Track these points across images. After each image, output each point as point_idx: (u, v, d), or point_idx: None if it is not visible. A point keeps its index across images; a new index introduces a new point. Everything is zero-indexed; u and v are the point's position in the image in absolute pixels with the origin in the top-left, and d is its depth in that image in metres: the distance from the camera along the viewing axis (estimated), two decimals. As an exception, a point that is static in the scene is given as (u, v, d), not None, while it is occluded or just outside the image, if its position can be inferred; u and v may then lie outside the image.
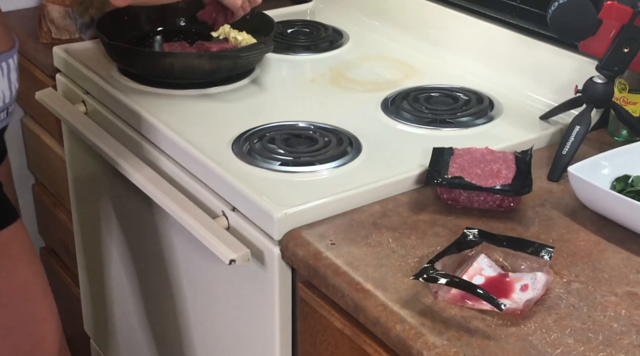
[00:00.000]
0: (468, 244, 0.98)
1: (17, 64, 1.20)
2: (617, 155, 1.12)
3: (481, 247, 0.97)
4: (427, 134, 1.28)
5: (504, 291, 0.91)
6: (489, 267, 0.95)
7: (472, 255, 0.97)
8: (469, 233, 0.98)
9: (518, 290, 0.91)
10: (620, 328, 0.87)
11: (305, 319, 1.07)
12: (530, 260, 0.95)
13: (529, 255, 0.95)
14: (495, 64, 1.43)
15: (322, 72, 1.51)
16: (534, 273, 0.93)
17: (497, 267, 0.95)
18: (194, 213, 1.16)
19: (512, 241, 0.98)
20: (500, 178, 1.07)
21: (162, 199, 1.21)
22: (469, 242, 0.98)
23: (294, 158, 1.19)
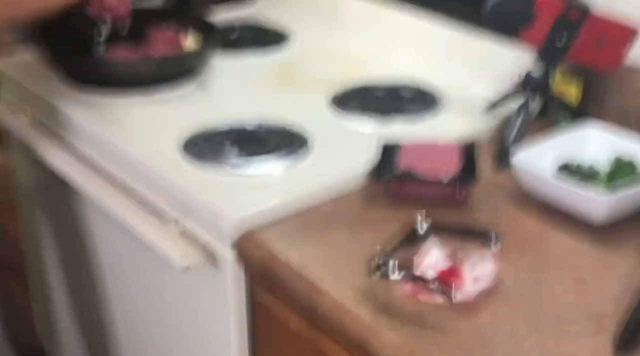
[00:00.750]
0: (420, 238, 0.99)
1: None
2: (559, 142, 1.14)
3: (432, 239, 0.99)
4: (375, 130, 1.29)
5: (457, 283, 0.93)
6: (440, 260, 0.97)
7: (424, 249, 0.98)
8: (419, 227, 1.00)
9: (470, 281, 0.93)
10: (569, 314, 0.90)
11: (261, 322, 1.07)
12: (480, 251, 0.97)
13: (479, 246, 0.98)
14: (438, 58, 1.45)
15: (268, 72, 1.51)
16: (484, 264, 0.95)
17: (449, 259, 0.97)
18: (145, 219, 1.15)
19: (461, 232, 1.00)
20: (448, 170, 1.09)
21: (112, 207, 1.20)
22: (420, 236, 0.99)
23: (245, 159, 1.19)
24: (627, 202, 1.03)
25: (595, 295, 0.93)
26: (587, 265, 0.98)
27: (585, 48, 1.19)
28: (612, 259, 0.99)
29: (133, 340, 1.38)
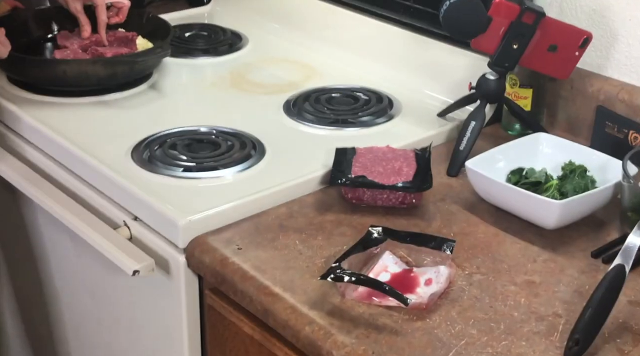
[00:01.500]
0: (373, 242, 0.99)
1: None
2: (511, 148, 1.15)
3: (386, 244, 0.99)
4: (330, 135, 1.29)
5: (409, 286, 0.93)
6: (394, 264, 0.97)
7: (377, 253, 0.98)
8: (373, 231, 1.00)
9: (423, 285, 0.93)
10: (520, 316, 0.90)
11: (214, 326, 1.06)
12: (433, 255, 0.97)
13: (432, 250, 0.98)
14: (393, 63, 1.45)
15: (222, 75, 1.49)
16: (437, 267, 0.95)
17: (402, 263, 0.97)
18: (94, 224, 1.13)
19: (415, 237, 1.00)
20: (401, 175, 1.09)
21: (60, 212, 1.17)
22: (374, 240, 0.99)
23: (197, 163, 1.18)
24: (577, 207, 1.04)
25: (545, 297, 0.93)
26: (538, 268, 0.99)
27: (538, 53, 1.21)
28: (562, 262, 1.00)
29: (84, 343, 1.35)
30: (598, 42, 1.25)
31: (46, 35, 1.51)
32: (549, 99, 1.31)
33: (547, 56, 1.21)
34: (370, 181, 1.08)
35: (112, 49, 1.42)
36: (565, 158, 1.12)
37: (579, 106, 1.28)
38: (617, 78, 1.25)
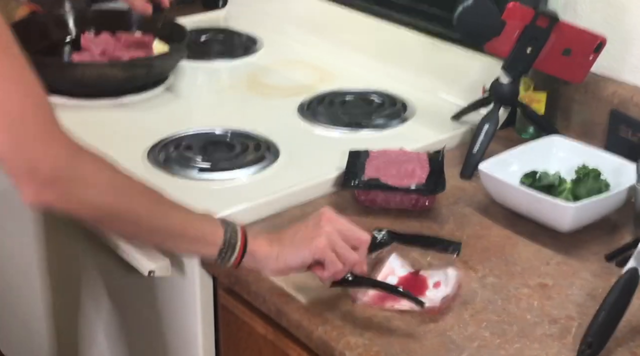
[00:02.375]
0: (379, 245, 0.98)
1: None
2: (524, 151, 1.16)
3: (392, 247, 0.98)
4: (343, 137, 1.29)
5: (419, 289, 0.93)
6: (400, 267, 0.96)
7: (384, 256, 0.98)
8: (377, 235, 0.99)
9: (432, 287, 0.93)
10: (533, 318, 0.91)
11: (227, 327, 1.07)
12: (440, 257, 0.97)
13: (439, 253, 0.98)
14: (407, 66, 1.46)
15: (237, 78, 1.50)
16: (445, 270, 0.95)
17: (409, 266, 0.97)
18: (111, 225, 1.14)
19: (421, 239, 1.00)
20: (414, 178, 1.10)
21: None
22: (379, 244, 0.99)
23: (212, 165, 1.19)
24: (590, 210, 1.05)
25: (559, 300, 0.94)
26: (551, 271, 0.99)
27: (552, 57, 1.21)
28: (575, 265, 1.00)
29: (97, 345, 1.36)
30: (612, 46, 1.25)
31: (65, 38, 1.53)
32: (563, 103, 1.31)
33: (562, 60, 1.21)
34: (383, 183, 1.08)
35: (129, 52, 1.43)
36: (579, 161, 1.12)
37: (593, 110, 1.28)
38: (631, 82, 1.25)
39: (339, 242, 0.89)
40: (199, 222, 0.90)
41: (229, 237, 0.89)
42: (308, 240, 0.89)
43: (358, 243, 0.91)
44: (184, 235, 0.89)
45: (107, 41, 1.45)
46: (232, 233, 0.89)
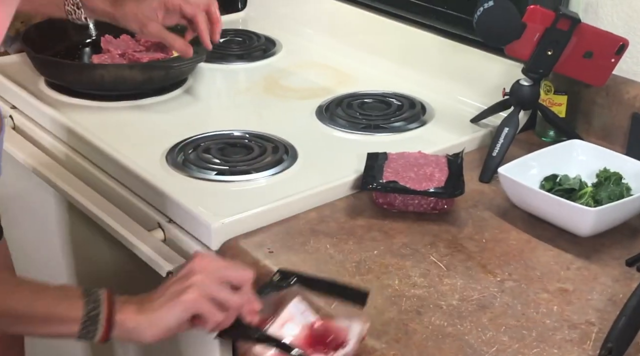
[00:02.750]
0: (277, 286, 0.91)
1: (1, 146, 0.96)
2: (544, 155, 1.15)
3: (297, 289, 0.90)
4: (362, 140, 1.29)
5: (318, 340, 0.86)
6: (301, 314, 0.87)
7: (286, 299, 0.89)
8: (275, 278, 0.91)
9: (332, 340, 0.86)
10: (552, 324, 0.90)
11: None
12: (345, 306, 0.89)
13: (345, 301, 0.89)
14: (426, 69, 1.45)
15: (256, 80, 1.51)
16: (349, 321, 0.86)
17: (310, 313, 0.88)
18: (129, 226, 1.14)
19: (327, 285, 0.91)
20: (433, 181, 1.09)
21: (96, 213, 1.19)
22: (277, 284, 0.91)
23: (230, 167, 1.19)
24: (611, 215, 1.03)
25: (579, 305, 0.93)
26: (571, 276, 0.98)
27: (573, 60, 1.20)
28: (595, 270, 0.99)
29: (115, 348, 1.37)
30: (634, 49, 1.24)
31: (84, 40, 1.53)
32: (584, 106, 1.30)
33: (583, 63, 1.20)
34: (401, 186, 1.08)
35: (148, 54, 1.44)
36: (600, 165, 1.11)
37: (615, 113, 1.26)
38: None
39: (214, 289, 0.82)
40: (50, 298, 0.81)
41: (89, 310, 0.81)
42: (177, 296, 0.82)
43: (239, 282, 0.84)
44: (32, 316, 0.80)
45: (127, 43, 1.46)
46: (93, 304, 0.81)
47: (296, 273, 0.91)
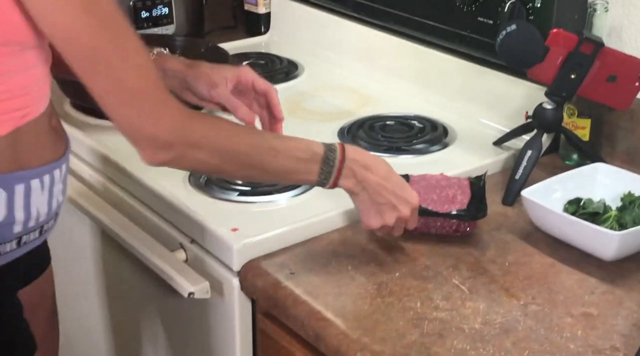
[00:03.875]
0: None
1: (67, 172, 1.02)
2: (568, 178, 1.14)
3: None
4: (383, 162, 1.29)
5: None
6: None
7: None
8: None
9: None
10: (577, 348, 0.89)
11: (266, 351, 1.06)
12: None
13: None
14: (448, 91, 1.45)
15: (278, 102, 1.51)
16: None
17: None
18: (152, 246, 1.15)
19: None
20: (455, 203, 1.09)
21: (119, 233, 1.20)
22: None
23: (252, 188, 1.19)
24: (636, 239, 1.02)
25: (603, 330, 0.91)
26: (596, 300, 0.96)
27: (597, 83, 1.19)
28: (620, 295, 0.97)
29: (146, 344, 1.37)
30: (659, 72, 1.23)
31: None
32: (607, 129, 1.29)
33: (606, 86, 1.20)
34: (423, 208, 1.08)
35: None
36: (625, 189, 1.10)
37: (639, 136, 1.25)
38: (678, 109, 1.23)
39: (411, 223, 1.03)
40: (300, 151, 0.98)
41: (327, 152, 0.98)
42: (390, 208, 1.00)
43: None
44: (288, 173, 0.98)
45: None
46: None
47: None
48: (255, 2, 1.81)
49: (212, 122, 0.94)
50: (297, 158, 0.97)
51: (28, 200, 0.94)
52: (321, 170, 0.98)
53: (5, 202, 0.91)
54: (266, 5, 1.81)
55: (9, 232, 0.94)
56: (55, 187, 0.98)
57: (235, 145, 0.94)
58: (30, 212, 0.94)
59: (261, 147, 0.96)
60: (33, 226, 0.96)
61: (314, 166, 0.97)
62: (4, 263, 0.95)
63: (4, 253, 0.94)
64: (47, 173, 0.96)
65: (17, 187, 0.92)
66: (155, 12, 1.72)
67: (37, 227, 0.97)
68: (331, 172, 0.98)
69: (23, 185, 0.93)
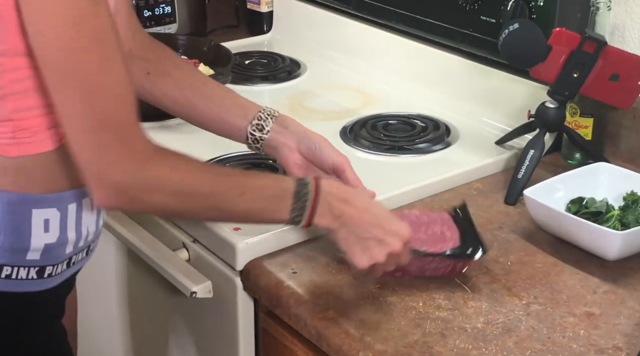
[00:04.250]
0: None
1: None
2: (571, 177, 1.14)
3: None
4: (386, 161, 1.29)
5: None
6: None
7: None
8: None
9: None
10: (579, 348, 0.89)
11: (268, 350, 1.06)
12: None
13: None
14: (451, 90, 1.45)
15: (280, 102, 1.51)
16: None
17: None
18: (155, 246, 1.15)
19: None
20: (447, 241, 0.97)
21: (121, 232, 1.20)
22: None
23: (254, 188, 1.19)
24: (639, 238, 1.02)
25: (605, 329, 0.91)
26: (598, 300, 0.96)
27: (600, 82, 1.19)
28: (623, 294, 0.97)
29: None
30: (662, 71, 1.23)
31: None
32: (610, 128, 1.29)
33: (609, 85, 1.20)
34: (416, 250, 0.94)
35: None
36: (627, 188, 1.10)
37: (642, 135, 1.25)
38: (681, 108, 1.23)
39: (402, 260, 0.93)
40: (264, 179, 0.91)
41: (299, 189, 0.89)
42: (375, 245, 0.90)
43: None
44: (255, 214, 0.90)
45: None
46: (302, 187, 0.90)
47: None
48: (258, 1, 1.81)
49: (173, 161, 0.86)
50: (265, 196, 0.89)
51: (80, 219, 0.91)
52: (293, 207, 0.89)
53: (58, 222, 0.89)
54: (269, 4, 1.81)
55: (62, 253, 0.91)
56: None
57: (195, 186, 0.87)
58: (81, 232, 0.92)
59: (225, 186, 0.88)
60: (82, 246, 0.94)
61: (284, 203, 0.89)
62: (55, 285, 0.93)
63: (55, 275, 0.92)
64: None
65: (70, 206, 0.90)
66: (158, 11, 1.72)
67: (85, 246, 0.95)
68: (304, 208, 0.89)
69: (75, 204, 0.90)
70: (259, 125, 1.06)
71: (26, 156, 0.86)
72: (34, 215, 0.87)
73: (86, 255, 0.97)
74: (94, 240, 0.97)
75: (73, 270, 0.96)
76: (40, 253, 0.89)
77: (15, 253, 0.87)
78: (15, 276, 0.88)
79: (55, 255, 0.90)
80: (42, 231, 0.88)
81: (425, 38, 1.50)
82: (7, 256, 0.87)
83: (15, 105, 0.84)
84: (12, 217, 0.86)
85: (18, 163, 0.86)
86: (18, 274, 0.88)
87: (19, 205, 0.86)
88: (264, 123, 1.07)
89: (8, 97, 0.83)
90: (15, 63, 0.82)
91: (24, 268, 0.88)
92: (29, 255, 0.88)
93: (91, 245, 0.97)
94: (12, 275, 0.88)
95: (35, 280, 0.90)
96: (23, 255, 0.88)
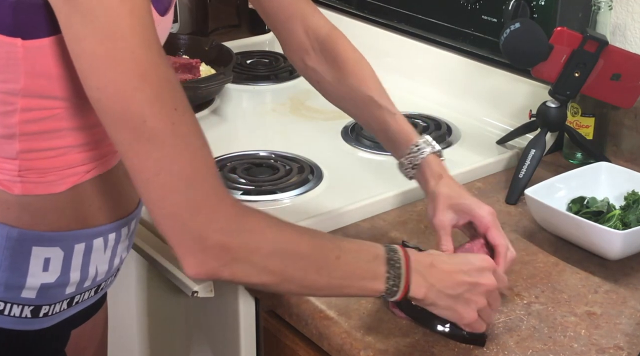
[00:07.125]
0: None
1: (135, 228, 0.93)
2: (572, 177, 1.14)
3: None
4: (387, 160, 1.29)
5: None
6: None
7: None
8: None
9: None
10: (580, 348, 0.89)
11: (269, 349, 1.06)
12: None
13: None
14: (452, 90, 1.45)
15: (282, 101, 1.52)
16: None
17: None
18: (156, 245, 1.15)
19: None
20: None
21: (122, 232, 1.20)
22: None
23: (256, 187, 1.19)
24: (640, 237, 1.02)
25: (607, 328, 0.91)
26: (599, 299, 0.96)
27: (601, 82, 1.19)
28: (624, 294, 0.97)
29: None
30: (663, 71, 1.23)
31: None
32: (612, 128, 1.29)
33: (610, 85, 1.20)
34: None
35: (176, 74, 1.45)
36: (629, 188, 1.10)
37: (643, 135, 1.25)
38: (683, 107, 1.23)
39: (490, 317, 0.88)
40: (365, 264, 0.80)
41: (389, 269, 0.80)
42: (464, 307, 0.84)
43: None
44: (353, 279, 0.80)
45: None
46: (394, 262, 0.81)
47: None
48: (259, 1, 1.81)
49: (264, 218, 0.77)
50: (360, 261, 0.80)
51: (87, 259, 0.85)
52: (388, 275, 0.80)
53: (61, 262, 0.83)
54: (270, 4, 1.81)
55: (61, 293, 0.86)
56: (120, 244, 0.89)
57: (294, 244, 0.78)
58: (87, 272, 0.86)
59: (323, 247, 0.79)
60: (89, 286, 0.88)
61: (379, 269, 0.80)
62: (53, 324, 0.87)
63: (52, 314, 0.86)
64: (114, 232, 0.87)
65: (77, 246, 0.84)
66: (159, 11, 1.72)
67: (92, 286, 0.89)
68: (399, 277, 0.80)
69: (84, 244, 0.84)
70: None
71: (31, 195, 0.81)
72: (34, 252, 0.82)
73: (95, 293, 0.90)
74: (106, 279, 0.91)
75: (76, 309, 0.90)
76: (36, 292, 0.84)
77: (10, 290, 0.83)
78: (9, 313, 0.84)
79: (53, 295, 0.85)
80: (40, 270, 0.83)
81: (426, 37, 1.50)
82: (2, 290, 0.83)
83: (23, 146, 0.79)
84: (10, 252, 0.81)
85: (23, 200, 0.81)
86: (11, 311, 0.84)
87: (18, 241, 0.81)
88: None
89: (17, 137, 0.79)
90: (27, 104, 0.77)
91: (17, 306, 0.84)
92: (23, 293, 0.83)
93: (102, 284, 0.91)
94: (4, 311, 0.83)
95: (29, 319, 0.85)
96: (18, 292, 0.83)
